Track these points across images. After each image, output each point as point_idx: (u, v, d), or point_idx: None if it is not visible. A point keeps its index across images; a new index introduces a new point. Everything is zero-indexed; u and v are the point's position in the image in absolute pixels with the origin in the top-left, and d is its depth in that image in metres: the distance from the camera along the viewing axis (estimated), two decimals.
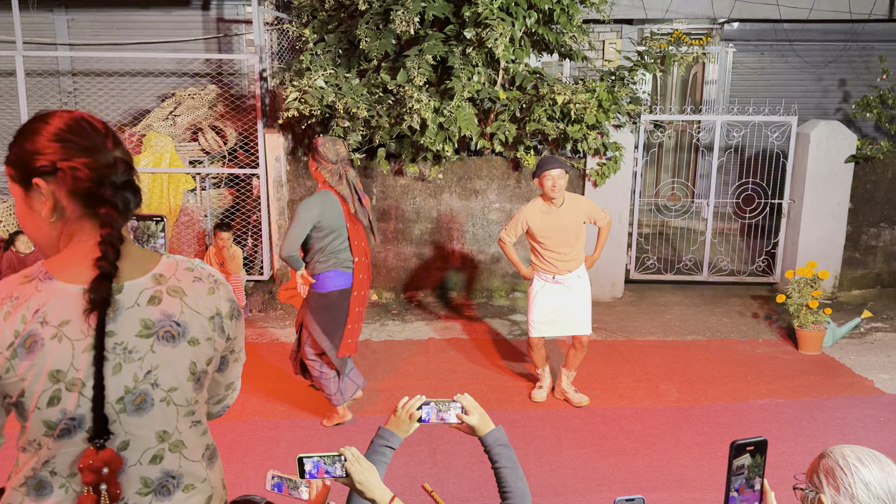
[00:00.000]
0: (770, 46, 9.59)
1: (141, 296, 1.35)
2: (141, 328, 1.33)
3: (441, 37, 6.34)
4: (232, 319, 1.47)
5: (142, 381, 1.33)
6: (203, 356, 1.41)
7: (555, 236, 4.66)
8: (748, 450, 1.61)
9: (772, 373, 5.45)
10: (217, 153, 7.43)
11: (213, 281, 1.45)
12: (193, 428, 1.43)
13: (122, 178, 1.35)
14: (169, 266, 1.42)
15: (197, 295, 1.41)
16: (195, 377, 1.40)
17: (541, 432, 4.46)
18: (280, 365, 5.48)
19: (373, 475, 1.73)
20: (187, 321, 1.38)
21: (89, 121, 1.37)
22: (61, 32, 8.47)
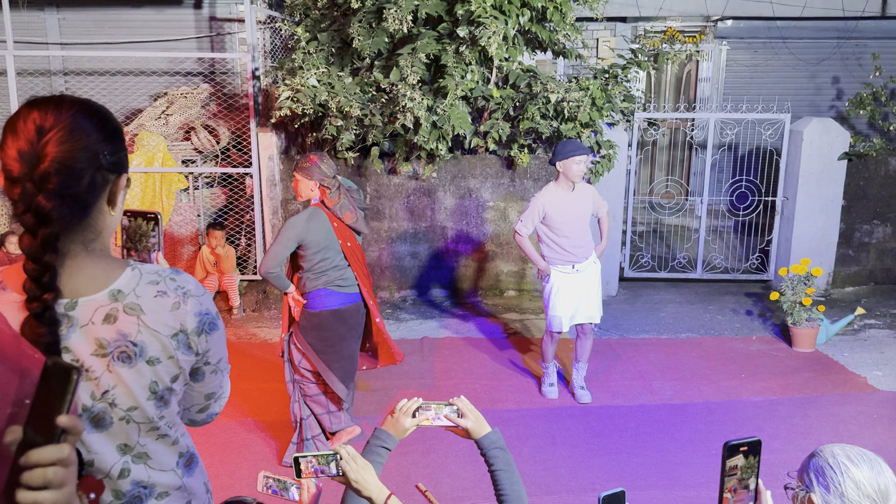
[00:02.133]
0: (763, 44, 9.60)
1: (96, 314, 1.27)
2: (96, 347, 1.26)
3: (434, 35, 6.32)
4: (201, 335, 1.38)
5: (99, 399, 1.28)
6: (166, 375, 1.34)
7: (571, 221, 4.68)
8: (741, 450, 1.60)
9: (765, 370, 5.46)
10: (210, 152, 7.40)
11: (182, 294, 1.35)
12: (160, 440, 1.38)
13: (46, 182, 1.18)
14: (130, 280, 1.32)
15: (157, 312, 1.31)
16: (157, 396, 1.34)
17: (534, 431, 4.46)
18: (274, 365, 5.46)
19: (369, 473, 1.71)
20: (144, 341, 1.30)
21: (36, 111, 1.22)
22: (53, 31, 8.43)
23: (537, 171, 6.96)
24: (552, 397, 4.94)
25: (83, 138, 1.24)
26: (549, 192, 4.72)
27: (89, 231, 1.30)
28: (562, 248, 4.73)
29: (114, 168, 1.31)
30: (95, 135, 1.26)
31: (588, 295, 4.80)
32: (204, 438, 4.30)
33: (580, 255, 4.75)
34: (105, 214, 1.32)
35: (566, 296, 4.77)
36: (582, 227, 4.74)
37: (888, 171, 7.48)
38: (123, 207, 1.41)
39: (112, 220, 1.34)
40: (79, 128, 1.24)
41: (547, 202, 4.68)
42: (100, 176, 1.27)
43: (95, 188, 1.27)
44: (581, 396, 4.89)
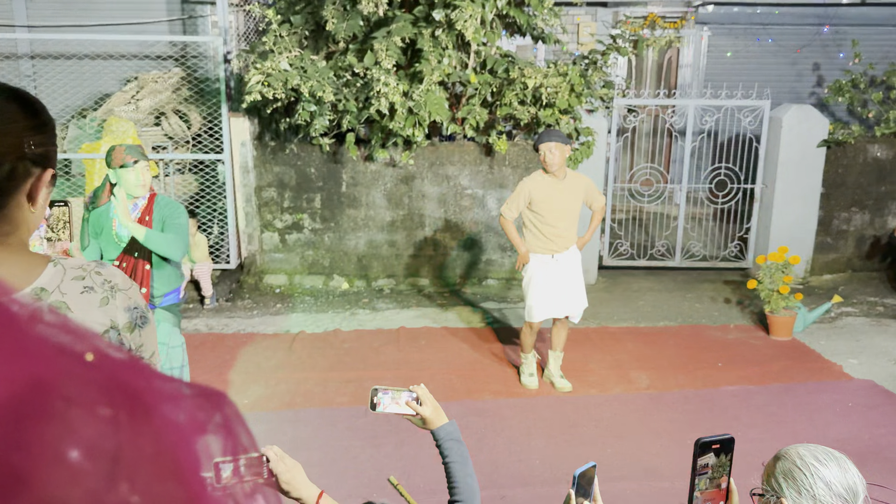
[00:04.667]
0: (744, 30, 9.56)
1: None
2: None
3: (410, 18, 6.19)
4: (133, 330, 1.32)
5: None
6: None
7: (556, 208, 4.62)
8: (713, 448, 1.54)
9: (743, 359, 5.44)
10: (181, 138, 7.23)
11: (109, 289, 1.29)
12: None
13: None
14: (54, 277, 1.24)
15: (85, 310, 1.24)
16: None
17: (510, 422, 4.40)
18: (244, 357, 5.35)
19: (299, 473, 1.64)
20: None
21: None
22: (20, 14, 8.19)
23: (516, 158, 6.87)
24: (532, 387, 4.88)
25: (8, 124, 1.16)
26: (537, 177, 4.68)
27: (6, 224, 1.20)
28: (544, 236, 4.67)
29: (38, 161, 1.21)
30: (22, 122, 1.18)
31: (568, 285, 4.75)
32: None
33: (561, 245, 4.70)
34: (23, 209, 1.22)
35: (544, 285, 4.71)
36: (568, 216, 4.68)
37: (866, 158, 7.48)
38: (46, 206, 1.30)
39: (31, 218, 1.24)
40: (4, 112, 1.16)
41: (534, 188, 4.63)
42: (21, 166, 1.18)
43: (15, 178, 1.18)
44: (561, 385, 4.84)
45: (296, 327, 5.99)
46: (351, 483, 3.71)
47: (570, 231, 4.72)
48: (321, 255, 7.10)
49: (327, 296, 6.85)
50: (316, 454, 3.98)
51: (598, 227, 5.01)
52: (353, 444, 4.10)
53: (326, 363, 5.25)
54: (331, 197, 6.96)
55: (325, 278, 7.10)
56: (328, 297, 6.82)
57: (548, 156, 4.54)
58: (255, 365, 5.20)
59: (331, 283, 7.08)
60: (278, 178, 6.95)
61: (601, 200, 4.86)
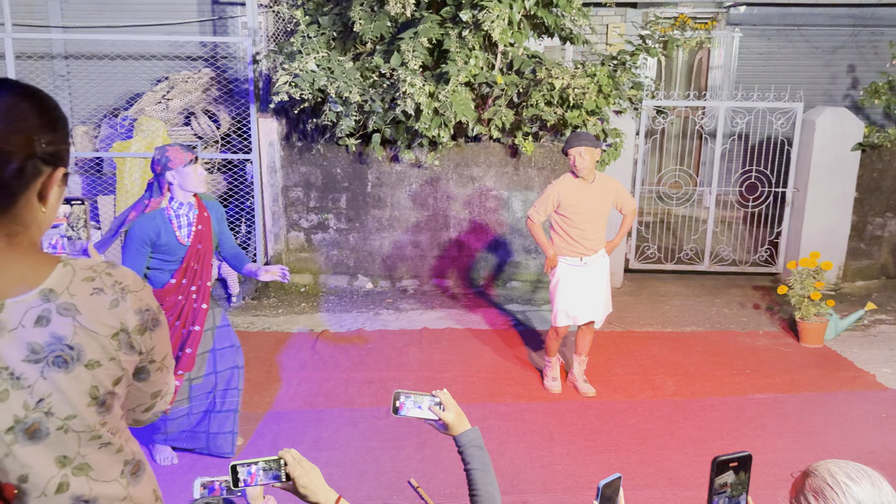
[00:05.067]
0: (777, 31, 9.38)
1: (26, 316, 1.17)
2: (28, 353, 1.16)
3: (437, 19, 6.18)
4: (144, 333, 1.29)
5: (33, 409, 1.18)
6: (107, 378, 1.25)
7: (585, 212, 4.55)
8: (731, 466, 1.50)
9: (771, 366, 5.33)
10: (210, 138, 7.31)
11: (120, 290, 1.27)
12: (103, 449, 1.28)
13: None
14: (63, 277, 1.23)
15: (94, 311, 1.22)
16: (98, 401, 1.24)
17: (532, 426, 4.36)
18: (268, 356, 5.38)
19: (317, 477, 1.63)
20: (81, 343, 1.20)
21: None
22: (55, 15, 8.33)
23: (542, 160, 6.82)
24: (555, 392, 4.83)
25: (18, 121, 1.16)
26: (566, 180, 4.61)
27: (15, 223, 1.20)
28: (572, 239, 4.61)
29: (49, 159, 1.21)
30: (34, 120, 1.18)
31: (596, 291, 4.68)
32: None
33: (590, 249, 4.63)
34: (34, 209, 1.22)
35: (572, 289, 4.65)
36: (597, 220, 4.61)
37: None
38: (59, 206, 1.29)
39: (43, 217, 1.24)
40: (15, 110, 1.16)
41: (563, 190, 4.56)
42: (31, 164, 1.18)
43: (24, 176, 1.18)
44: (585, 390, 4.78)
45: (320, 326, 6.01)
46: (371, 485, 3.70)
47: (599, 235, 4.66)
48: (346, 254, 7.12)
49: (351, 295, 6.87)
50: (337, 455, 3.99)
51: (627, 231, 4.93)
52: (373, 445, 4.10)
53: (349, 363, 5.26)
54: (356, 197, 6.98)
55: (349, 278, 7.12)
56: (352, 296, 6.84)
57: (577, 160, 4.47)
58: (278, 364, 5.23)
59: (355, 282, 7.10)
60: (305, 178, 6.99)
61: (632, 204, 4.78)
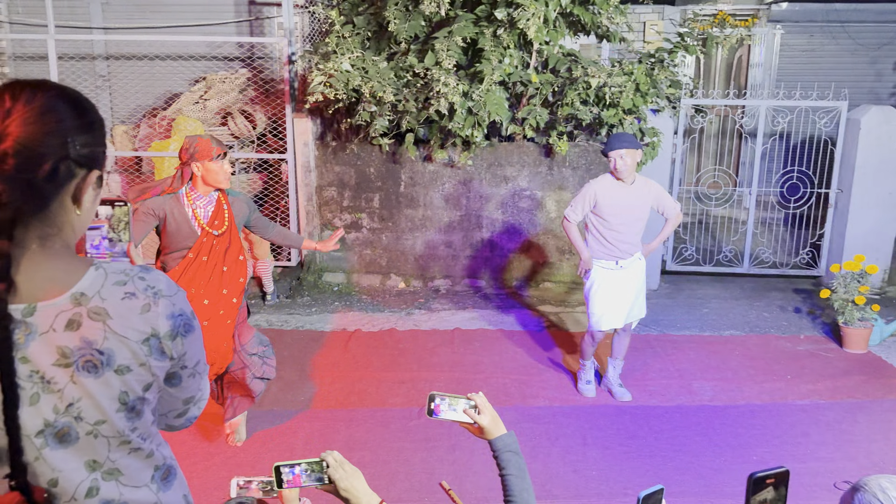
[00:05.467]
0: (820, 28, 9.15)
1: (57, 320, 1.15)
2: (58, 357, 1.15)
3: (472, 18, 6.15)
4: (176, 338, 1.27)
5: (63, 413, 1.17)
6: (137, 384, 1.22)
7: (622, 214, 4.45)
8: (769, 482, 1.44)
9: (813, 372, 5.19)
10: (246, 138, 7.38)
11: (152, 295, 1.24)
12: (133, 454, 1.26)
13: (2, 162, 1.10)
14: (95, 281, 1.20)
15: (125, 316, 1.20)
16: (128, 406, 1.22)
17: (565, 430, 4.30)
18: (302, 354, 5.41)
19: (358, 480, 1.61)
20: (112, 348, 1.18)
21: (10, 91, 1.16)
22: (96, 16, 8.50)
23: (577, 160, 6.74)
24: (589, 396, 4.75)
25: (52, 122, 1.16)
26: (604, 181, 4.51)
27: (48, 225, 1.19)
28: (608, 242, 4.51)
29: (83, 161, 1.20)
30: (68, 122, 1.17)
31: (631, 295, 4.58)
32: None
33: (626, 252, 4.53)
34: (68, 211, 1.21)
35: (608, 293, 4.55)
36: (634, 223, 4.50)
37: None
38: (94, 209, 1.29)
39: (77, 220, 1.23)
40: (50, 111, 1.16)
41: (599, 190, 4.47)
42: (64, 166, 1.17)
43: (57, 178, 1.17)
44: (620, 394, 4.70)
45: (352, 326, 6.03)
46: (402, 486, 3.69)
47: (636, 238, 4.55)
48: (379, 254, 7.13)
49: (384, 295, 6.87)
50: (368, 455, 3.98)
51: (668, 235, 4.79)
52: (405, 445, 4.08)
53: (381, 363, 5.26)
54: (389, 197, 6.98)
55: (382, 277, 7.13)
56: (385, 296, 6.84)
57: (618, 163, 4.36)
58: (311, 362, 5.25)
59: (388, 282, 7.10)
60: (339, 177, 7.02)
61: (674, 208, 4.62)
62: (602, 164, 6.71)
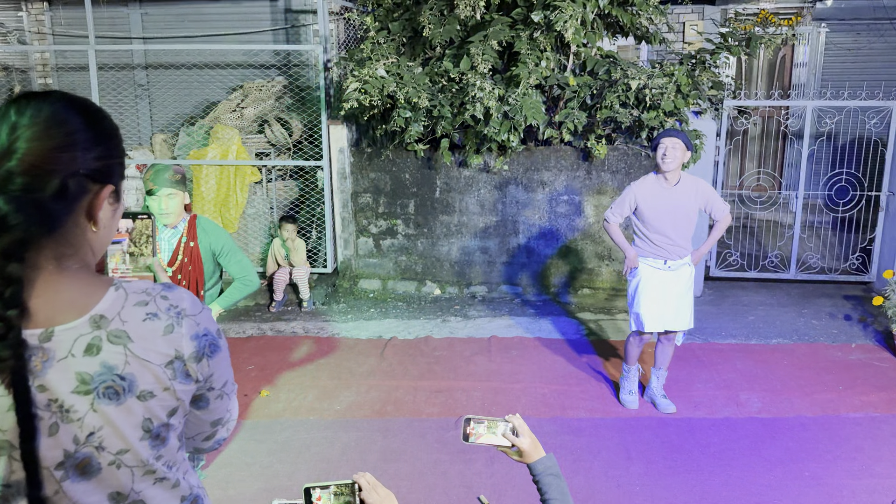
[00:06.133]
0: (867, 25, 8.84)
1: (76, 344, 1.09)
2: (77, 383, 1.09)
3: (507, 21, 6.06)
4: (201, 359, 1.20)
5: (84, 443, 1.10)
6: (162, 409, 1.16)
7: (664, 217, 4.30)
8: None
9: (866, 382, 4.97)
10: (283, 145, 7.40)
11: (175, 315, 1.18)
12: (158, 484, 1.20)
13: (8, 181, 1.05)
14: (115, 303, 1.14)
15: (147, 339, 1.14)
16: (152, 434, 1.16)
17: (607, 443, 4.17)
18: (338, 362, 5.37)
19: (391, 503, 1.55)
20: (134, 373, 1.12)
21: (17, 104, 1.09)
22: (136, 26, 8.63)
23: (615, 163, 6.60)
24: (632, 407, 4.59)
25: (60, 136, 1.09)
26: (646, 182, 4.37)
27: (63, 245, 1.12)
28: (653, 244, 4.38)
29: (96, 176, 1.13)
30: (78, 135, 1.11)
31: (678, 298, 4.40)
32: (265, 436, 4.24)
33: (674, 254, 4.37)
34: (84, 229, 1.14)
35: (654, 292, 4.38)
36: (678, 225, 4.32)
37: None
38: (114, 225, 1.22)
39: (95, 238, 1.17)
40: (58, 125, 1.09)
41: (639, 192, 4.34)
42: (74, 182, 1.10)
43: (67, 195, 1.10)
44: (664, 406, 4.54)
45: (388, 333, 5.97)
46: (439, 499, 3.61)
47: (683, 241, 4.38)
48: (414, 260, 7.08)
49: (419, 301, 6.81)
50: (405, 467, 3.91)
51: (717, 239, 4.60)
52: (442, 457, 4.00)
53: (417, 371, 5.19)
54: (424, 203, 6.93)
55: (417, 284, 7.07)
56: (420, 302, 6.78)
57: (668, 152, 4.17)
58: (347, 370, 5.21)
59: (423, 288, 7.04)
60: (374, 183, 6.99)
61: (723, 210, 4.43)
62: (642, 168, 6.56)
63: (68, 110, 1.11)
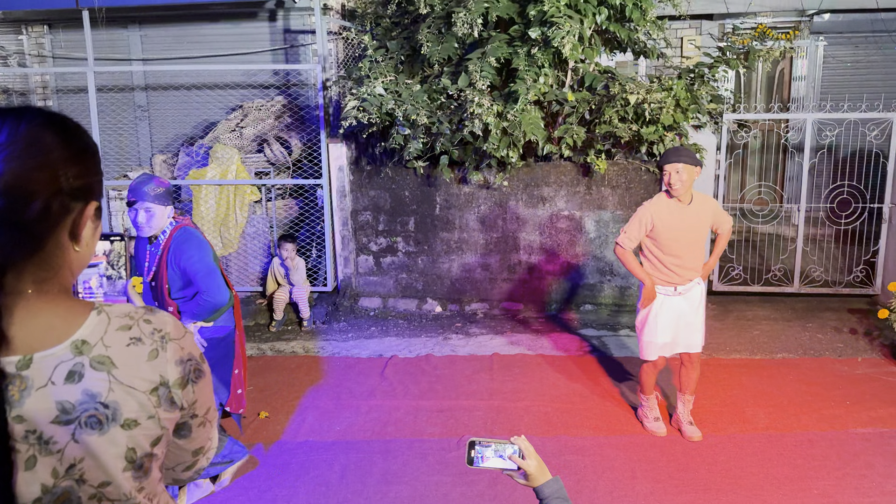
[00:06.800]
0: (865, 38, 8.86)
1: (56, 371, 1.04)
2: (58, 413, 1.03)
3: (505, 38, 6.07)
4: (186, 386, 1.16)
5: (63, 477, 1.04)
6: (146, 439, 1.11)
7: (682, 238, 4.14)
8: None
9: (874, 397, 4.90)
10: (282, 164, 7.39)
11: (160, 339, 1.14)
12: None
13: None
14: (97, 327, 1.09)
15: (131, 364, 1.09)
16: (135, 465, 1.11)
17: (613, 462, 4.10)
18: (338, 382, 5.31)
19: None
20: (118, 401, 1.07)
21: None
22: (135, 48, 8.67)
23: (616, 178, 6.57)
24: (660, 434, 4.39)
25: (40, 156, 1.04)
26: (660, 202, 4.18)
27: (43, 268, 1.08)
28: (665, 268, 4.20)
29: (78, 195, 1.09)
30: (57, 153, 1.06)
31: (690, 320, 4.28)
32: (263, 458, 4.18)
33: (685, 278, 4.23)
34: (65, 249, 1.10)
35: (664, 321, 4.24)
36: (694, 246, 4.18)
37: None
38: (95, 243, 1.18)
39: (76, 258, 1.12)
40: (37, 143, 1.04)
41: (656, 213, 4.14)
42: (57, 202, 1.06)
43: (50, 216, 1.05)
44: (690, 433, 4.33)
45: (389, 352, 5.92)
46: None
47: (697, 262, 4.24)
48: (414, 277, 7.03)
49: (420, 319, 6.76)
50: (406, 489, 3.84)
51: (722, 251, 4.47)
52: (443, 479, 3.93)
53: (418, 390, 5.13)
54: (424, 220, 6.90)
55: (418, 301, 7.02)
56: (421, 320, 6.73)
57: (673, 177, 4.03)
58: (347, 390, 5.15)
59: (424, 306, 6.99)
60: (373, 201, 6.96)
61: (728, 222, 4.34)
62: (642, 183, 6.54)
63: (46, 128, 1.07)
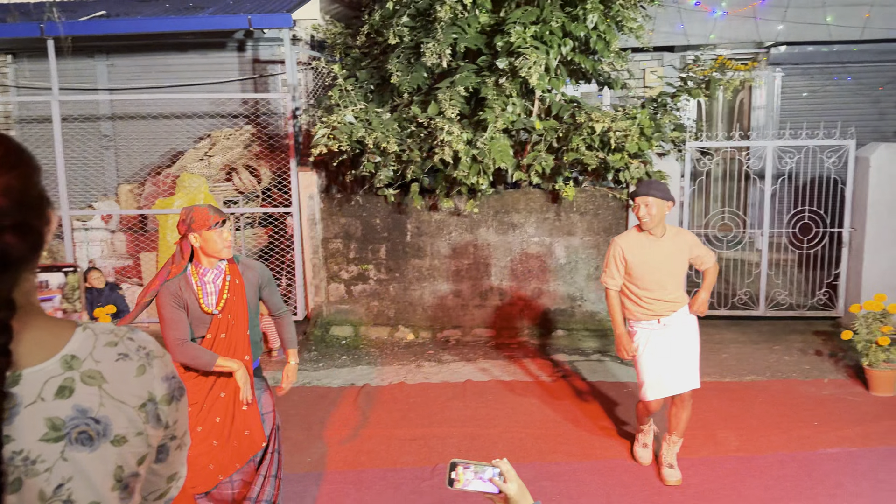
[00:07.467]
0: (820, 69, 9.18)
1: (46, 387, 1.02)
2: (47, 430, 1.02)
3: (474, 68, 6.16)
4: (171, 402, 1.15)
5: (51, 498, 1.02)
6: (133, 456, 1.09)
7: (654, 272, 4.03)
8: None
9: (841, 417, 4.98)
10: (251, 193, 7.35)
11: (145, 355, 1.14)
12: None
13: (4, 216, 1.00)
14: (85, 342, 1.08)
15: (121, 379, 1.08)
16: (122, 484, 1.08)
17: (587, 487, 4.09)
18: (309, 412, 5.23)
19: None
20: (109, 416, 1.06)
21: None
22: (102, 78, 8.59)
23: (584, 205, 6.66)
24: (644, 462, 4.31)
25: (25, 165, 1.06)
26: (631, 236, 4.14)
27: (29, 280, 1.06)
28: (643, 302, 4.09)
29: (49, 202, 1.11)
30: (33, 164, 1.08)
31: (683, 356, 4.10)
32: None
33: (667, 308, 4.09)
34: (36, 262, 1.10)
35: (655, 356, 4.08)
36: (670, 280, 4.06)
37: None
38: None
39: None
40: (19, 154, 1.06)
41: (626, 246, 4.08)
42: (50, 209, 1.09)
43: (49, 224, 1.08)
44: (669, 476, 4.10)
45: (361, 380, 5.86)
46: None
47: (675, 294, 4.10)
48: (386, 305, 7.00)
49: (392, 347, 6.71)
50: None
51: (710, 288, 4.30)
52: None
53: (391, 419, 5.08)
54: (395, 247, 6.89)
55: (390, 329, 6.98)
56: (393, 348, 6.69)
57: (642, 210, 3.98)
58: (318, 420, 5.07)
59: (396, 334, 6.96)
60: (344, 229, 6.95)
61: (711, 258, 4.23)
62: (610, 209, 6.63)
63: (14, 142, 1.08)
